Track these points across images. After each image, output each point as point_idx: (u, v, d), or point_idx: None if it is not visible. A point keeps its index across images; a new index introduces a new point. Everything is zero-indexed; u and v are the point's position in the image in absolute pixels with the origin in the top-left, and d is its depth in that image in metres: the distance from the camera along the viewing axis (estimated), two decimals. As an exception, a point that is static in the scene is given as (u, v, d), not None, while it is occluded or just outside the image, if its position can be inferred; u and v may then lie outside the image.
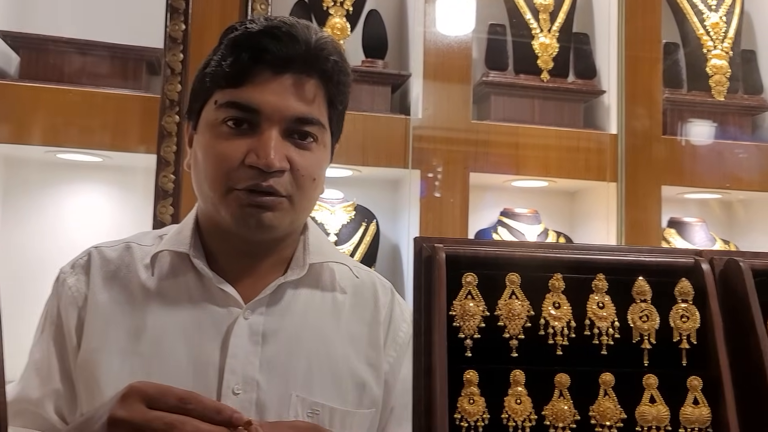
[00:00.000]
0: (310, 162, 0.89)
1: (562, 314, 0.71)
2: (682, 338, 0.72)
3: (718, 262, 0.75)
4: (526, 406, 0.68)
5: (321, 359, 0.92)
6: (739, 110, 2.40)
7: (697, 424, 0.69)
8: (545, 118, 2.25)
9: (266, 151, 0.85)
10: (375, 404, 0.94)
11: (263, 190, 0.86)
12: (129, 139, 1.90)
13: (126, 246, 0.96)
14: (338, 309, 0.97)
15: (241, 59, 0.86)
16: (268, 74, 0.86)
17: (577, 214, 2.49)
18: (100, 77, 1.96)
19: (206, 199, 0.91)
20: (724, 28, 2.41)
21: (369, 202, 2.24)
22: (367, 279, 1.02)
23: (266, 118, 0.86)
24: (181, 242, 0.93)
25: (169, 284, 0.92)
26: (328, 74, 0.90)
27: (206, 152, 0.89)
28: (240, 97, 0.86)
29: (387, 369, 0.97)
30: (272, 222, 0.87)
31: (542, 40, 2.27)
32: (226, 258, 0.93)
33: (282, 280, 0.93)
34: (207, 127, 0.89)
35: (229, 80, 0.87)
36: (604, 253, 0.75)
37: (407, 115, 2.14)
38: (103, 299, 0.91)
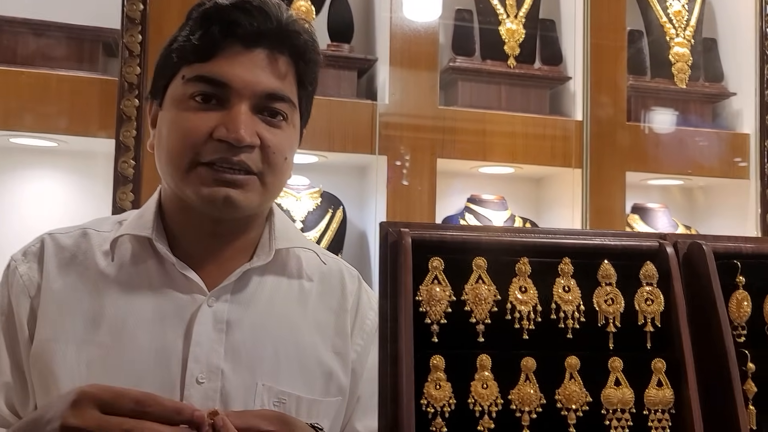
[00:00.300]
0: (281, 140, 0.87)
1: (528, 298, 0.70)
2: (647, 321, 0.72)
3: (681, 245, 0.76)
4: (492, 390, 0.67)
5: (287, 347, 0.90)
6: (701, 98, 2.44)
7: (661, 405, 0.70)
8: (512, 104, 2.25)
9: (236, 125, 0.83)
10: (342, 393, 0.93)
11: (233, 165, 0.83)
12: (86, 123, 1.85)
13: (82, 232, 0.92)
14: (305, 296, 0.95)
15: (211, 32, 0.84)
16: (238, 48, 0.85)
17: (543, 200, 2.51)
18: (56, 59, 1.89)
19: (170, 177, 0.88)
20: (686, 17, 2.45)
21: (335, 189, 2.22)
22: (334, 266, 1.00)
23: (236, 92, 0.84)
24: (142, 226, 0.90)
25: (129, 271, 0.89)
26: (299, 52, 0.89)
27: (172, 127, 0.86)
28: (209, 71, 0.84)
29: (354, 357, 0.95)
30: (241, 199, 0.85)
31: (509, 26, 2.27)
32: (190, 241, 0.90)
33: (248, 267, 0.91)
34: (173, 103, 0.87)
35: (198, 54, 0.84)
36: (570, 237, 0.75)
37: (374, 100, 2.12)
38: (58, 287, 0.87)
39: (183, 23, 0.89)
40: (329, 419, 0.91)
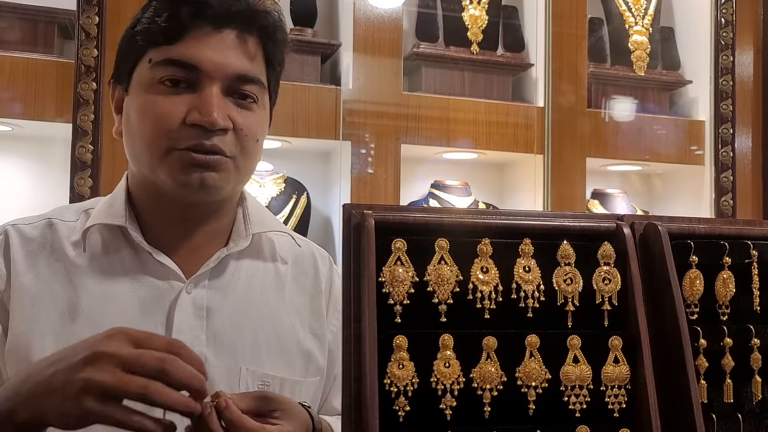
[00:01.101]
0: (252, 122, 0.87)
1: (489, 278, 0.72)
2: (604, 300, 0.74)
3: (638, 226, 0.78)
4: (454, 369, 0.69)
5: (267, 331, 0.91)
6: (658, 85, 2.49)
7: (617, 381, 0.72)
8: (475, 91, 2.27)
9: (209, 108, 0.82)
10: (320, 373, 0.95)
11: (207, 149, 0.82)
12: (42, 107, 1.80)
13: (47, 222, 0.90)
14: (281, 280, 0.96)
15: (180, 14, 0.82)
16: (207, 29, 0.83)
17: (505, 185, 2.54)
18: (9, 41, 1.83)
19: (142, 164, 0.86)
20: (644, 5, 2.49)
21: (299, 174, 2.21)
22: (306, 249, 1.02)
23: (206, 74, 0.83)
24: (113, 215, 0.88)
25: (102, 261, 0.87)
26: (268, 32, 0.88)
27: (142, 113, 0.84)
28: (178, 54, 0.83)
29: (330, 338, 0.97)
30: (216, 183, 0.84)
31: (472, 12, 2.28)
32: (162, 228, 0.89)
33: (225, 252, 0.91)
34: (141, 88, 0.85)
35: (166, 36, 0.83)
36: (531, 219, 0.76)
37: (338, 85, 2.11)
38: (28, 281, 0.85)
39: (146, 4, 0.87)
40: (309, 399, 0.92)
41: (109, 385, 0.64)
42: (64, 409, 0.65)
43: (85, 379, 0.64)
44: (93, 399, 0.64)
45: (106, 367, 0.65)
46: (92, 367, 0.65)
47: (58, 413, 0.65)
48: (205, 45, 0.83)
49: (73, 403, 0.64)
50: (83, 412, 0.64)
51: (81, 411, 0.64)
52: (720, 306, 0.78)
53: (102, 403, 0.64)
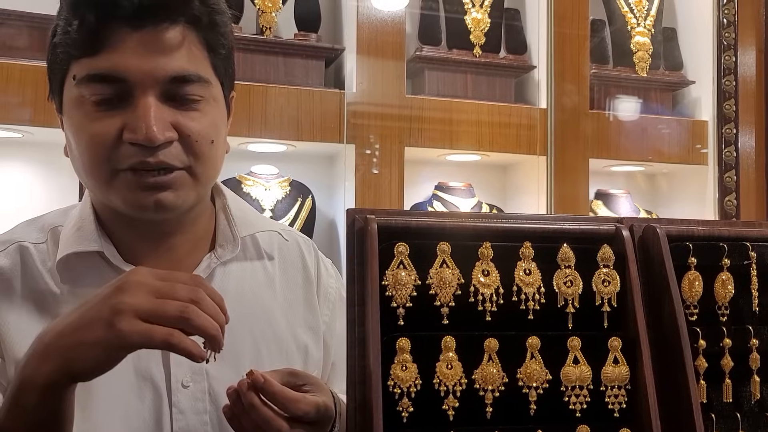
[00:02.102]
0: (202, 124, 0.78)
1: (490, 281, 0.73)
2: (604, 302, 0.75)
3: (637, 228, 0.79)
4: (456, 370, 0.70)
5: (265, 334, 0.89)
6: (661, 86, 2.50)
7: (617, 381, 0.73)
8: (478, 93, 2.28)
9: (145, 123, 0.73)
10: (317, 365, 0.93)
11: (152, 167, 0.75)
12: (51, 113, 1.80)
13: (17, 247, 0.82)
14: (270, 278, 0.93)
15: (88, 21, 0.73)
16: (125, 31, 0.73)
17: (509, 187, 2.55)
18: (18, 49, 1.85)
19: (92, 188, 0.81)
20: (647, 6, 2.49)
21: (304, 178, 2.23)
22: (291, 240, 0.98)
23: (136, 85, 0.74)
24: (86, 239, 0.81)
25: (83, 288, 0.80)
26: (196, 18, 0.77)
27: (77, 137, 0.77)
28: (99, 67, 0.73)
29: (324, 329, 0.95)
30: (174, 201, 0.78)
31: (474, 16, 2.30)
32: (138, 244, 0.84)
33: (215, 261, 0.86)
34: (72, 107, 0.77)
35: (81, 48, 0.74)
36: (531, 222, 0.77)
37: (341, 89, 2.13)
38: (14, 320, 0.79)
39: (59, 9, 0.77)
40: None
41: (144, 308, 0.62)
42: (95, 339, 0.62)
43: (118, 302, 0.62)
44: (128, 320, 0.61)
45: (139, 293, 0.63)
46: (123, 294, 0.63)
47: (89, 346, 0.62)
48: (128, 51, 0.73)
49: (106, 330, 0.61)
50: (118, 335, 0.61)
51: (115, 335, 0.61)
52: (719, 307, 0.79)
53: (138, 324, 0.61)
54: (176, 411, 0.80)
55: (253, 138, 2.01)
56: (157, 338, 0.62)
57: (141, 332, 0.61)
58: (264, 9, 2.10)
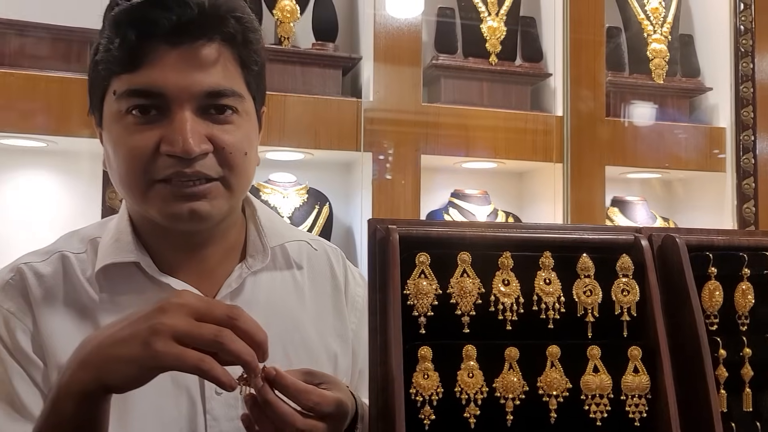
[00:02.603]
0: (236, 137, 0.81)
1: (511, 291, 0.74)
2: (623, 311, 0.76)
3: (656, 238, 0.80)
4: (477, 379, 0.71)
5: (295, 343, 0.90)
6: (678, 93, 2.50)
7: (637, 390, 0.74)
8: (494, 101, 2.29)
9: (181, 136, 0.76)
10: (346, 373, 0.94)
11: (188, 176, 0.78)
12: (74, 123, 1.85)
13: (59, 257, 0.86)
14: (299, 287, 0.94)
15: (129, 39, 0.76)
16: (164, 48, 0.77)
17: (525, 194, 2.55)
18: (43, 59, 1.89)
19: (129, 199, 0.83)
20: (663, 13, 2.49)
21: (322, 185, 2.25)
22: (320, 249, 1.00)
23: (173, 99, 0.77)
24: (123, 250, 0.84)
25: (121, 296, 0.84)
26: (231, 35, 0.80)
27: (116, 148, 0.80)
28: (139, 83, 0.77)
29: (351, 336, 0.96)
30: (208, 211, 0.80)
31: (490, 24, 2.31)
32: (172, 256, 0.86)
33: (246, 271, 0.89)
34: (112, 121, 0.80)
35: (122, 65, 0.77)
36: (550, 232, 0.78)
37: (358, 97, 2.14)
38: (54, 323, 0.82)
39: (101, 27, 0.81)
40: None
41: (181, 329, 0.64)
42: (131, 356, 0.63)
43: (157, 323, 0.64)
44: (164, 342, 0.63)
45: (178, 314, 0.64)
46: (163, 315, 0.64)
47: (124, 362, 0.64)
48: (166, 67, 0.77)
49: (142, 349, 0.63)
50: (153, 355, 0.63)
51: (150, 355, 0.63)
52: (739, 317, 0.79)
53: (174, 346, 0.63)
54: (210, 418, 0.82)
55: (272, 146, 2.04)
56: (189, 362, 0.63)
57: (174, 354, 0.63)
58: (282, 19, 2.12)
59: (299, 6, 2.14)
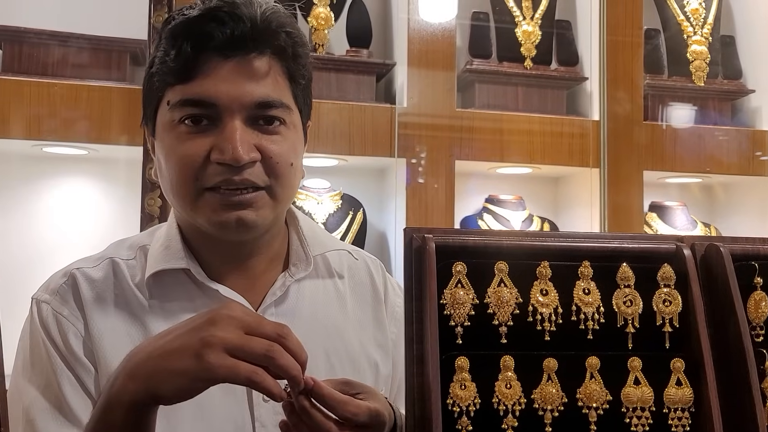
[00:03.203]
0: (283, 147, 0.84)
1: (549, 301, 0.73)
2: (665, 321, 0.74)
3: (699, 247, 0.78)
4: (515, 390, 0.70)
5: (338, 350, 0.91)
6: (719, 95, 2.44)
7: (680, 404, 0.72)
8: (529, 105, 2.27)
9: (231, 145, 0.79)
10: (386, 383, 0.95)
11: (237, 184, 0.81)
12: (115, 131, 1.90)
13: (110, 262, 0.88)
14: (341, 296, 0.96)
15: (184, 51, 0.80)
16: (217, 60, 0.80)
17: (560, 199, 2.52)
18: (84, 69, 1.94)
19: (179, 207, 0.85)
20: (703, 14, 2.44)
21: (355, 191, 2.25)
22: (360, 259, 1.02)
23: (225, 109, 0.80)
24: (174, 257, 0.87)
25: (170, 302, 0.86)
26: (281, 49, 0.84)
27: (168, 157, 0.82)
28: (192, 93, 0.80)
29: (391, 346, 0.97)
30: (254, 220, 0.82)
31: (525, 28, 2.29)
32: (220, 262, 0.88)
33: (290, 279, 0.90)
34: (165, 130, 0.83)
35: (177, 76, 0.80)
36: (589, 241, 0.77)
37: (392, 103, 2.15)
38: (104, 326, 0.84)
39: (157, 41, 0.84)
40: None
41: (233, 342, 0.65)
42: (183, 368, 0.64)
43: (209, 335, 0.65)
44: (216, 354, 0.64)
45: (229, 327, 0.66)
46: (214, 327, 0.65)
47: (175, 374, 0.65)
48: (219, 78, 0.80)
49: (194, 361, 0.64)
50: (206, 368, 0.64)
51: (203, 367, 0.64)
52: (786, 328, 0.77)
53: (226, 359, 0.64)
54: (259, 425, 0.84)
55: (306, 153, 2.04)
56: (242, 374, 0.64)
57: (227, 367, 0.64)
58: (317, 26, 2.14)
59: (334, 13, 2.16)
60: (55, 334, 0.83)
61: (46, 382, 0.82)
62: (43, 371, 0.83)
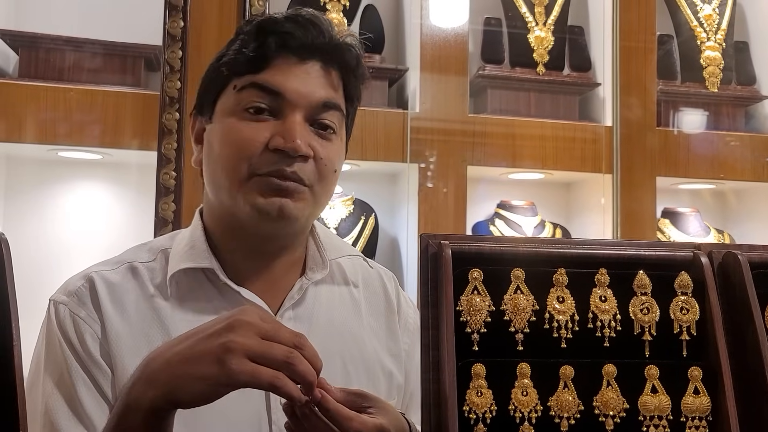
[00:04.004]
0: (331, 152, 0.88)
1: (565, 308, 0.73)
2: (682, 330, 0.74)
3: (716, 255, 0.77)
4: (532, 397, 0.70)
5: (353, 356, 0.92)
6: (733, 101, 2.43)
7: (698, 413, 0.71)
8: (541, 111, 2.27)
9: (292, 134, 0.83)
10: (399, 392, 0.96)
11: (287, 175, 0.84)
12: (129, 136, 1.91)
13: (128, 267, 0.89)
14: (356, 303, 0.97)
15: (266, 44, 0.85)
16: (292, 60, 0.86)
17: (572, 205, 2.51)
18: (99, 74, 1.96)
19: (221, 189, 0.87)
20: (717, 20, 2.43)
21: (367, 196, 2.26)
22: (374, 270, 1.03)
23: (290, 102, 0.85)
24: (198, 257, 0.88)
25: (189, 302, 0.87)
26: (350, 67, 0.90)
27: (225, 138, 0.86)
28: (262, 80, 0.85)
29: (404, 357, 0.98)
30: (293, 211, 0.85)
31: (538, 34, 2.29)
32: (242, 262, 0.90)
33: (307, 282, 0.92)
34: (225, 114, 0.86)
35: (251, 65, 0.85)
36: (606, 248, 0.77)
37: (405, 109, 2.15)
38: (122, 328, 0.85)
39: (232, 39, 0.90)
40: None
41: (254, 348, 0.66)
42: (203, 374, 0.65)
43: (229, 341, 0.65)
44: (238, 359, 0.65)
45: (248, 333, 0.67)
46: (234, 333, 0.66)
47: (196, 379, 0.65)
48: (290, 74, 0.85)
49: (216, 366, 0.65)
50: (227, 373, 0.65)
51: (225, 372, 0.65)
52: (805, 336, 0.76)
53: (248, 364, 0.65)
54: (276, 429, 0.84)
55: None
56: (264, 379, 0.65)
57: (249, 372, 0.65)
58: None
59: (346, 18, 2.17)
60: (72, 335, 0.84)
61: (61, 383, 0.82)
62: (57, 372, 0.83)
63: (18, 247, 2.02)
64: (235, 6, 1.92)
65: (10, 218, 2.05)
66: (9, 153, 2.05)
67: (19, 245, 2.24)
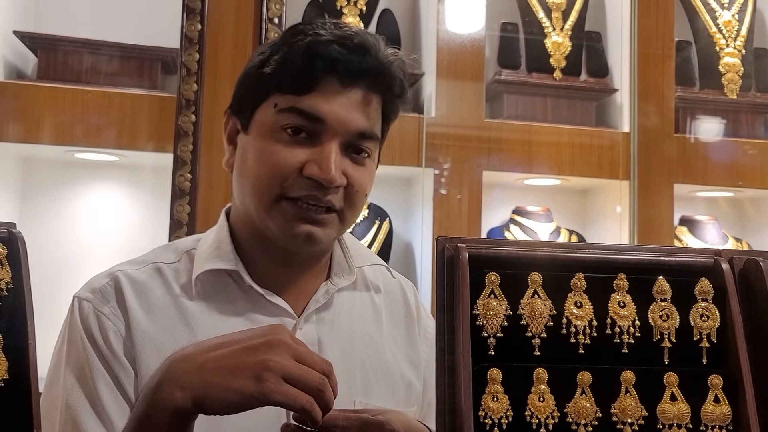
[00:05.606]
0: (364, 177, 0.87)
1: (583, 313, 0.72)
2: (702, 337, 0.73)
3: (737, 261, 0.76)
4: (549, 403, 0.69)
5: (374, 362, 0.92)
6: (752, 108, 2.40)
7: (718, 421, 0.70)
8: (558, 117, 2.25)
9: (328, 165, 0.82)
10: (418, 401, 0.96)
11: (319, 203, 0.83)
12: (145, 138, 1.93)
13: (154, 267, 0.90)
14: (377, 310, 0.97)
15: (312, 67, 0.83)
16: (336, 86, 0.84)
17: (589, 212, 2.49)
18: (117, 77, 1.98)
19: (252, 208, 0.87)
20: (736, 27, 2.41)
21: (382, 201, 2.25)
22: (396, 276, 1.04)
23: (329, 129, 0.83)
24: (223, 259, 0.88)
25: (215, 303, 0.88)
26: (393, 92, 0.89)
27: (260, 157, 0.85)
28: (305, 105, 0.83)
29: (423, 365, 0.98)
30: (322, 238, 0.85)
31: (555, 39, 2.28)
32: (268, 267, 0.90)
33: (333, 287, 0.92)
34: (262, 131, 0.85)
35: (295, 86, 0.83)
36: (625, 253, 0.75)
37: (420, 113, 2.15)
38: (148, 326, 0.85)
39: (276, 44, 0.87)
40: None
41: (291, 372, 0.67)
42: (239, 387, 0.66)
43: (268, 359, 0.67)
44: (276, 379, 0.66)
45: (285, 354, 0.68)
46: (273, 352, 0.68)
47: (230, 391, 0.66)
48: (332, 100, 0.83)
49: (253, 382, 0.66)
50: (264, 391, 0.66)
51: (262, 390, 0.66)
52: (828, 345, 0.74)
53: (284, 385, 0.67)
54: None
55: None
56: (299, 403, 0.67)
57: (285, 393, 0.67)
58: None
59: (363, 23, 2.17)
60: (95, 332, 0.84)
61: (82, 379, 0.82)
62: (79, 368, 0.83)
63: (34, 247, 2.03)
64: (252, 9, 1.93)
65: (27, 218, 2.07)
66: (27, 154, 2.08)
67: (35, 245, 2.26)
